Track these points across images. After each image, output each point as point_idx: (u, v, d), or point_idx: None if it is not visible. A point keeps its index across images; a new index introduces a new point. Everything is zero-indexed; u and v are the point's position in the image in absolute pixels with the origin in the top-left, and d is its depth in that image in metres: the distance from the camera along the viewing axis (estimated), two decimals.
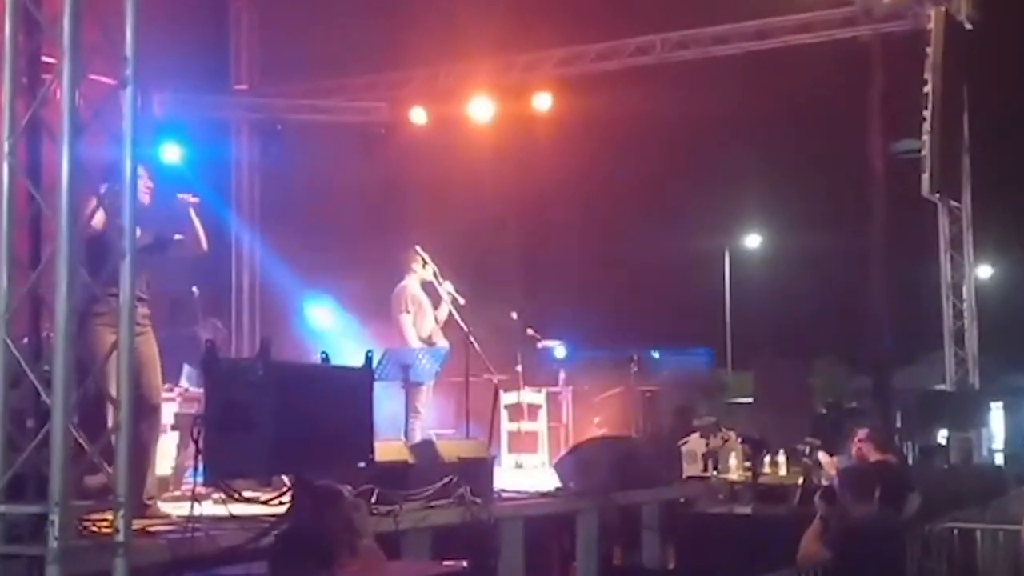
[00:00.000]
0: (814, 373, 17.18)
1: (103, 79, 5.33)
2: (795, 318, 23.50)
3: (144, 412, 6.46)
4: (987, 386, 13.92)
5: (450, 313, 10.61)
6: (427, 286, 10.67)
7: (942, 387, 13.84)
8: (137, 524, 5.31)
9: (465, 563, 5.88)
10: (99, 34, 5.25)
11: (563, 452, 10.36)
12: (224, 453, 5.26)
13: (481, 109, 14.97)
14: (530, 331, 12.79)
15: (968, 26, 13.33)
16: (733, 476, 11.40)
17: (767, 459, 11.67)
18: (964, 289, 13.79)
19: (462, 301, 10.59)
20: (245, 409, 5.20)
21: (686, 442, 11.73)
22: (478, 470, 7.79)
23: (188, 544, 5.44)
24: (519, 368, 12.51)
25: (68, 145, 4.84)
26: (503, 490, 8.55)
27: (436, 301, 10.68)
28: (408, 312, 10.53)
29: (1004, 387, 16.70)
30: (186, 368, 9.80)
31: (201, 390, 6.83)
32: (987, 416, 13.31)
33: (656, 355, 18.83)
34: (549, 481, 9.36)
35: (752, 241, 28.94)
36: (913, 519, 8.53)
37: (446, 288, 10.61)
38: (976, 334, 13.74)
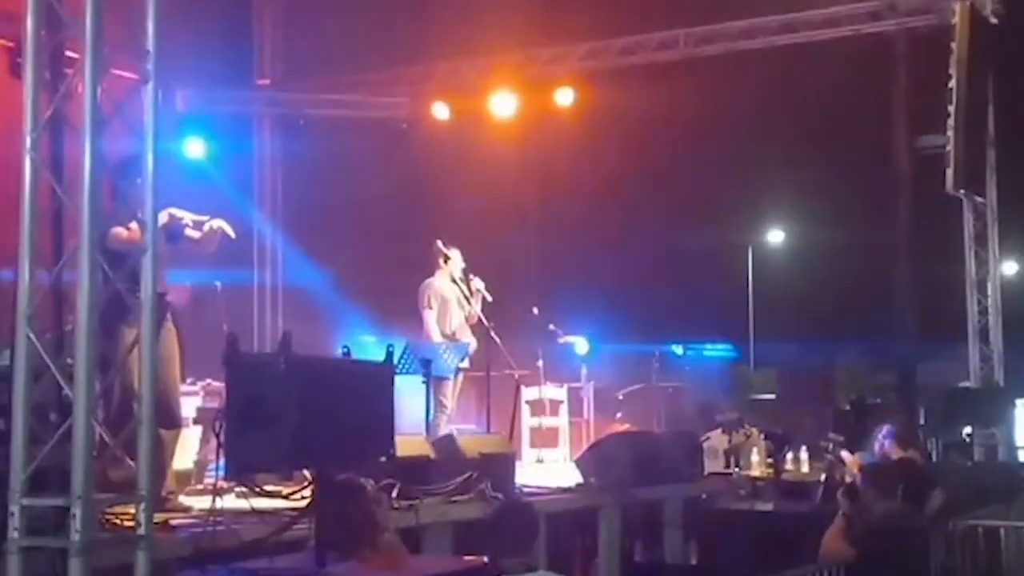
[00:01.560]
0: (837, 369, 17.11)
1: (125, 73, 5.35)
2: (818, 314, 23.35)
3: (161, 409, 6.46)
4: (1012, 383, 13.82)
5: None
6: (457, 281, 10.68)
7: (967, 384, 13.75)
8: (159, 517, 5.34)
9: (486, 558, 5.87)
10: (121, 29, 5.26)
11: (584, 448, 10.35)
12: (245, 448, 5.26)
13: (503, 104, 14.96)
14: (552, 326, 12.79)
15: (993, 20, 13.24)
16: (755, 472, 11.36)
17: (789, 455, 11.63)
18: (989, 285, 13.70)
19: (490, 298, 10.60)
20: (266, 403, 5.20)
21: (708, 438, 11.69)
22: (499, 465, 7.80)
23: (210, 538, 5.46)
24: (540, 363, 12.52)
25: (90, 140, 4.86)
26: (524, 485, 8.55)
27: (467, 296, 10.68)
28: (431, 308, 10.54)
29: None
30: None
31: (221, 384, 6.84)
32: (1012, 413, 13.21)
33: (679, 350, 18.79)
34: (570, 477, 9.35)
35: (775, 237, 28.79)
36: (936, 516, 8.48)
37: (475, 285, 10.61)
38: (1001, 331, 13.65)
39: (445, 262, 10.66)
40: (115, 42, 5.12)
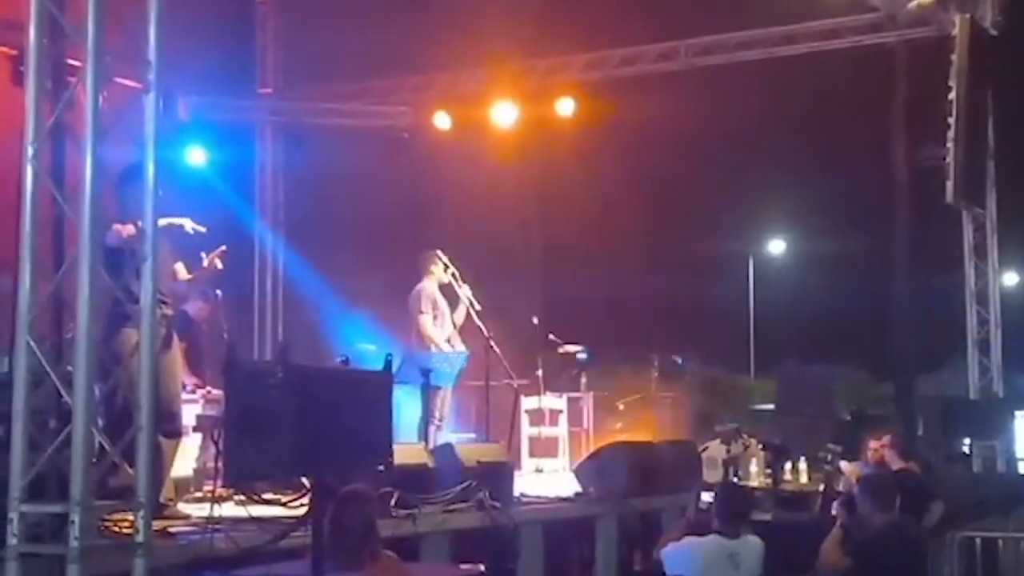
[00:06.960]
0: (837, 379, 17.11)
1: (127, 82, 5.37)
2: (818, 324, 23.42)
3: (161, 417, 6.47)
4: (1011, 394, 13.82)
5: (469, 317, 10.62)
6: (445, 289, 10.69)
7: (966, 395, 13.75)
8: (157, 525, 5.36)
9: (483, 567, 5.88)
10: (123, 37, 5.29)
11: (583, 457, 10.35)
12: (244, 455, 5.27)
13: (504, 114, 14.96)
14: (551, 336, 12.79)
15: (993, 32, 13.26)
16: (754, 483, 11.36)
17: (788, 466, 11.61)
18: (988, 297, 13.70)
19: (478, 307, 10.60)
20: (265, 412, 5.20)
21: (707, 448, 11.68)
22: (498, 474, 7.81)
23: (208, 545, 5.47)
24: (540, 373, 12.51)
25: (91, 148, 4.88)
26: (523, 495, 8.56)
27: (454, 305, 10.70)
28: (426, 312, 10.56)
29: None
30: None
31: (221, 392, 6.86)
32: (1011, 424, 13.21)
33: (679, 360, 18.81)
34: (569, 486, 9.35)
35: (776, 247, 28.88)
36: (935, 527, 8.48)
37: (464, 292, 10.62)
38: (1000, 342, 13.64)
39: (444, 270, 10.67)
40: (117, 50, 5.14)
